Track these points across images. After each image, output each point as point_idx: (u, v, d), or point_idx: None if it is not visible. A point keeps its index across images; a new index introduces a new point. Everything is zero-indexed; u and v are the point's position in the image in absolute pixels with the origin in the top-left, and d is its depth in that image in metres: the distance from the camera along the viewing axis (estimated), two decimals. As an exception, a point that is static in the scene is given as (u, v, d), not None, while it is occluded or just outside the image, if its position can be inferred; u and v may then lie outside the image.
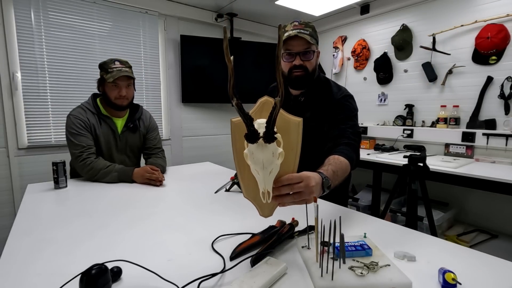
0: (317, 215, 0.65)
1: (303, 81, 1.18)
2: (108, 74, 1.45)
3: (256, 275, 0.59)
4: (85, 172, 1.42)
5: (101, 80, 1.50)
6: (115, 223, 0.93)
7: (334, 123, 1.17)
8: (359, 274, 0.59)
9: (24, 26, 2.17)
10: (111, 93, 1.48)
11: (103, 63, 1.48)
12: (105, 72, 1.46)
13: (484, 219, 2.22)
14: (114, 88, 1.48)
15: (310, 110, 1.22)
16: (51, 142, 2.34)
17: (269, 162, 0.60)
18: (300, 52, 1.12)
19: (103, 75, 1.47)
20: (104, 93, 1.50)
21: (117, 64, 1.47)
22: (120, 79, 1.46)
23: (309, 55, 1.14)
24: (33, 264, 0.68)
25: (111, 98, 1.49)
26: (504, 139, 2.06)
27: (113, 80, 1.44)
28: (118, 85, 1.47)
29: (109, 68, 1.45)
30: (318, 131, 1.19)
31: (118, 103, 1.51)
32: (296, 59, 1.13)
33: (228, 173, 1.67)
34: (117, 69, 1.46)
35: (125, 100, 1.52)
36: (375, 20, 2.88)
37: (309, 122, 0.90)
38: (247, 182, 0.70)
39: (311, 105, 1.23)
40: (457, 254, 0.73)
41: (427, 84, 2.49)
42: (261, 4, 2.88)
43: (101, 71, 1.49)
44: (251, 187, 0.68)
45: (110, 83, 1.45)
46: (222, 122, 3.45)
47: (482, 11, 2.16)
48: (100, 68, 1.49)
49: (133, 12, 2.64)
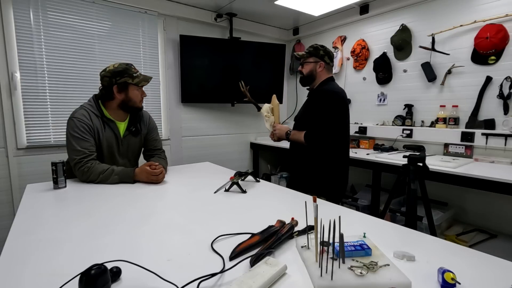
0: (317, 215, 0.65)
1: (301, 80, 1.88)
2: (135, 79, 1.49)
3: (256, 275, 0.59)
4: (84, 178, 1.40)
5: (124, 86, 1.47)
6: (114, 223, 0.93)
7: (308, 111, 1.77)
8: (358, 274, 0.59)
9: (23, 26, 2.17)
10: (136, 97, 1.52)
11: (125, 69, 1.46)
12: (130, 77, 1.47)
13: (483, 219, 2.22)
14: (139, 91, 1.54)
15: (308, 101, 1.84)
16: (50, 142, 2.34)
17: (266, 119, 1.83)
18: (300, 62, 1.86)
19: (127, 81, 1.46)
20: (127, 98, 1.49)
21: (134, 68, 1.52)
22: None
23: (305, 64, 1.80)
24: (32, 264, 0.68)
25: (136, 102, 1.52)
26: (503, 139, 2.06)
27: (146, 83, 1.53)
28: (141, 88, 1.55)
29: (133, 73, 1.48)
30: (306, 115, 1.77)
31: (140, 106, 1.57)
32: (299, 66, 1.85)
33: (227, 173, 1.67)
34: (140, 73, 1.52)
35: (143, 101, 1.60)
36: (374, 20, 2.88)
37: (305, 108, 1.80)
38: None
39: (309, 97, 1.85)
40: (456, 254, 0.73)
41: (427, 84, 2.49)
42: (261, 4, 2.88)
43: (123, 77, 1.45)
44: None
45: (137, 87, 1.51)
46: (222, 122, 3.45)
47: (481, 11, 2.16)
48: (119, 75, 1.45)
49: (132, 12, 2.64)
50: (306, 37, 3.66)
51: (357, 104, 3.09)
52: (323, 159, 1.69)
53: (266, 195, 1.27)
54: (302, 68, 1.79)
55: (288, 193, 1.31)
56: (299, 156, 1.80)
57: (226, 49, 3.17)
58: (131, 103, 1.51)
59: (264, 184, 1.45)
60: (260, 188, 1.37)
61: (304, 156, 1.75)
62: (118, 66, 1.47)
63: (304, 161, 1.76)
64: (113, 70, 1.46)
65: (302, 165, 1.78)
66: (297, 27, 3.67)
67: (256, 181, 1.49)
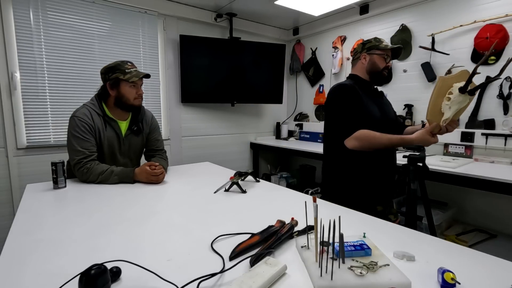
0: (317, 215, 0.65)
1: (386, 79, 1.65)
2: (127, 75, 1.45)
3: (256, 275, 0.59)
4: (84, 179, 1.40)
5: (115, 82, 1.46)
6: (114, 223, 0.93)
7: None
8: (358, 274, 0.59)
9: (23, 26, 2.17)
10: (129, 94, 1.48)
11: (117, 65, 1.46)
12: (122, 73, 1.45)
13: (483, 219, 2.22)
14: (133, 88, 1.49)
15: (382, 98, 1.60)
16: (50, 142, 2.34)
17: (459, 105, 1.14)
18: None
19: (118, 76, 1.44)
20: (119, 94, 1.47)
21: (130, 65, 1.49)
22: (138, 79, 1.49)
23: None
24: (32, 264, 0.68)
25: (129, 99, 1.48)
26: (503, 139, 2.06)
27: (137, 79, 1.46)
28: (137, 85, 1.50)
29: (126, 69, 1.46)
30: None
31: (136, 103, 1.52)
32: (389, 62, 1.50)
33: (227, 173, 1.67)
34: (134, 69, 1.48)
35: (141, 99, 1.54)
36: (374, 20, 2.88)
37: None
38: (435, 111, 1.21)
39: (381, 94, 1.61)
40: (456, 254, 0.73)
41: (426, 84, 2.50)
42: (261, 4, 2.88)
43: (115, 73, 1.45)
44: (435, 115, 1.21)
45: (129, 83, 1.46)
46: (222, 122, 3.45)
47: (481, 11, 2.16)
48: (111, 71, 1.45)
49: (132, 12, 2.64)
50: (306, 37, 3.66)
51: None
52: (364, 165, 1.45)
53: (266, 195, 1.27)
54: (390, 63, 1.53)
55: (288, 193, 1.31)
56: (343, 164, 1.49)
57: (226, 49, 3.16)
58: (124, 99, 1.48)
59: (264, 184, 1.45)
60: (260, 188, 1.37)
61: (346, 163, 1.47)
62: (112, 63, 1.47)
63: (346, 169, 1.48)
64: (107, 66, 1.47)
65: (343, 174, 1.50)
66: (297, 27, 3.67)
67: (256, 181, 1.49)
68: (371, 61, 1.48)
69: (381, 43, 1.49)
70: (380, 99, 1.57)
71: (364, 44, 1.52)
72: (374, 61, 1.48)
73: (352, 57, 1.60)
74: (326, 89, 3.43)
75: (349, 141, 1.39)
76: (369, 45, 1.50)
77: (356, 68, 1.55)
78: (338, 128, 1.44)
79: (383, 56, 1.48)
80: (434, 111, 1.21)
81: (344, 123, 1.40)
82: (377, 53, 1.48)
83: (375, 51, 1.48)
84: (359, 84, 1.49)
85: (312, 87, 3.63)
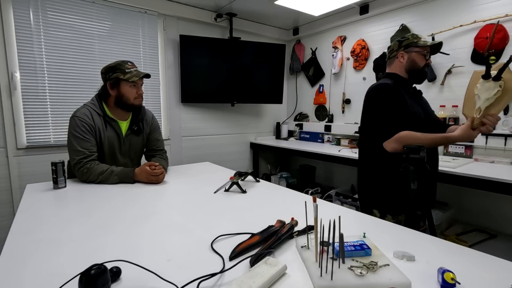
0: (317, 215, 0.65)
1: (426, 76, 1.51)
2: (127, 75, 1.45)
3: (256, 275, 0.59)
4: (84, 179, 1.40)
5: (116, 82, 1.46)
6: (114, 223, 0.93)
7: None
8: (358, 274, 0.59)
9: (23, 26, 2.17)
10: (130, 93, 1.48)
11: (117, 65, 1.46)
12: (122, 73, 1.45)
13: (483, 219, 2.22)
14: (133, 88, 1.49)
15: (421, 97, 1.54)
16: (50, 142, 2.34)
17: (487, 93, 1.13)
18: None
19: (119, 76, 1.44)
20: (120, 94, 1.47)
21: (130, 65, 1.49)
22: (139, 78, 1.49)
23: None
24: (32, 264, 0.68)
25: (130, 98, 1.48)
26: (503, 139, 2.06)
27: (137, 79, 1.46)
28: (137, 85, 1.50)
29: (126, 69, 1.46)
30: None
31: (136, 103, 1.52)
32: (429, 59, 1.44)
33: (227, 173, 1.67)
34: (134, 69, 1.48)
35: (141, 99, 1.54)
36: (374, 20, 2.88)
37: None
38: (470, 105, 1.22)
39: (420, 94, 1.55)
40: (456, 254, 0.73)
41: (426, 84, 2.49)
42: (261, 4, 2.88)
43: (115, 72, 1.45)
44: (470, 109, 1.21)
45: (129, 82, 1.46)
46: (222, 122, 3.45)
47: (481, 11, 2.16)
48: (112, 70, 1.45)
49: (132, 12, 2.64)
50: (306, 37, 3.66)
51: (357, 104, 3.09)
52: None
53: (266, 195, 1.27)
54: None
55: (288, 193, 1.31)
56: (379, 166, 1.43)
57: (226, 49, 3.16)
58: (124, 99, 1.48)
59: (264, 184, 1.45)
60: (260, 188, 1.37)
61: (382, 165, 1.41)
62: (113, 63, 1.48)
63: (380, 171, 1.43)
64: (107, 66, 1.47)
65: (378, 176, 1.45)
66: (297, 27, 3.67)
67: (256, 181, 1.49)
68: (410, 59, 1.41)
69: (419, 39, 1.41)
70: (420, 98, 1.51)
71: (400, 41, 1.45)
72: (414, 59, 1.41)
73: (388, 55, 1.53)
74: (326, 89, 3.43)
75: (388, 143, 1.33)
76: (406, 42, 1.43)
77: (394, 67, 1.48)
78: (377, 131, 1.37)
79: (422, 53, 1.40)
80: (469, 105, 1.22)
81: (384, 125, 1.33)
82: (416, 50, 1.40)
83: (413, 48, 1.41)
84: (400, 83, 1.41)
85: (312, 87, 3.63)
